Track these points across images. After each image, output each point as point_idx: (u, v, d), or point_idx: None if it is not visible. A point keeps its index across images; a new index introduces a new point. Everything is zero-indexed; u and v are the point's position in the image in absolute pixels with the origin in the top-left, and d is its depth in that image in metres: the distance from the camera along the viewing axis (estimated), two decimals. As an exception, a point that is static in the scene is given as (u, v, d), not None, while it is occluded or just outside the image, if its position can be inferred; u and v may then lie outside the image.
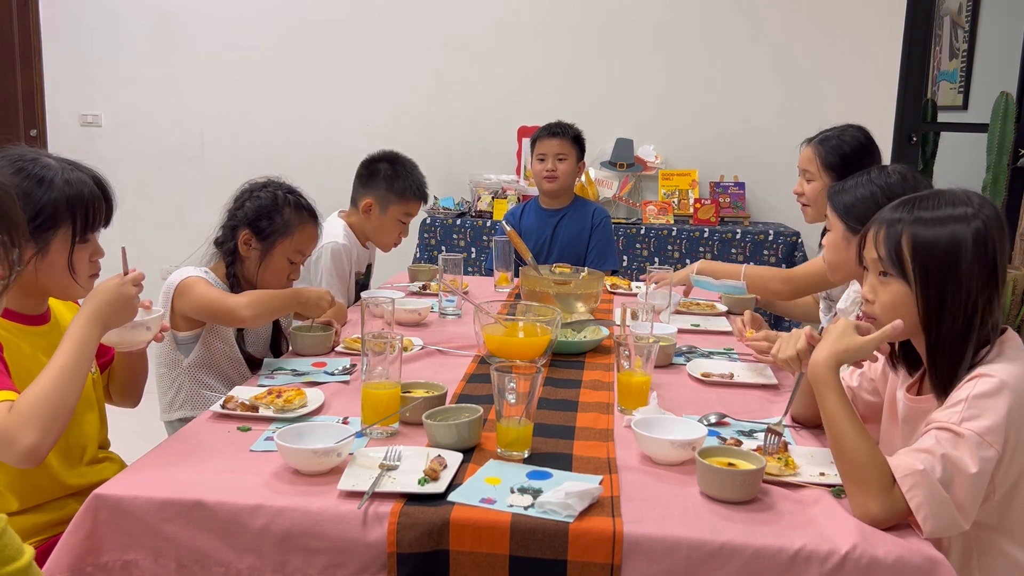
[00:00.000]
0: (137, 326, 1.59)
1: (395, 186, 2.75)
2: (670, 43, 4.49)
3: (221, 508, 1.26)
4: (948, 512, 1.23)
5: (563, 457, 1.44)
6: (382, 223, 2.78)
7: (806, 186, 2.53)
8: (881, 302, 1.42)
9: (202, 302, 1.98)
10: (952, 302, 1.34)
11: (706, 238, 4.14)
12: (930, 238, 1.36)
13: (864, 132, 2.51)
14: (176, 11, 4.76)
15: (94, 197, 1.55)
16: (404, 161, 2.81)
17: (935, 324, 1.36)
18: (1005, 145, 4.12)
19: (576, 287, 2.37)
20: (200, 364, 2.07)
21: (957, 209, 1.37)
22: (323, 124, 4.73)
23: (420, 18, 4.60)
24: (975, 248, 1.34)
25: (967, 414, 1.27)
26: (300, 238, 2.14)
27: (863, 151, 2.48)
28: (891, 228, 1.40)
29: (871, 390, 1.65)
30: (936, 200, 1.40)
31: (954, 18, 5.39)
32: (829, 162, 2.47)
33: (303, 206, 2.16)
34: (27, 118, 5.00)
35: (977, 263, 1.34)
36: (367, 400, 1.53)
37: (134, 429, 2.10)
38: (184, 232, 2.15)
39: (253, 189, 2.14)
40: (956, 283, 1.34)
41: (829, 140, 2.49)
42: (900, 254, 1.38)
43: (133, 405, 1.87)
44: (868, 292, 1.45)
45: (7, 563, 0.83)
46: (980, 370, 1.32)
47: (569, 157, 3.25)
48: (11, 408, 1.30)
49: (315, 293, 2.11)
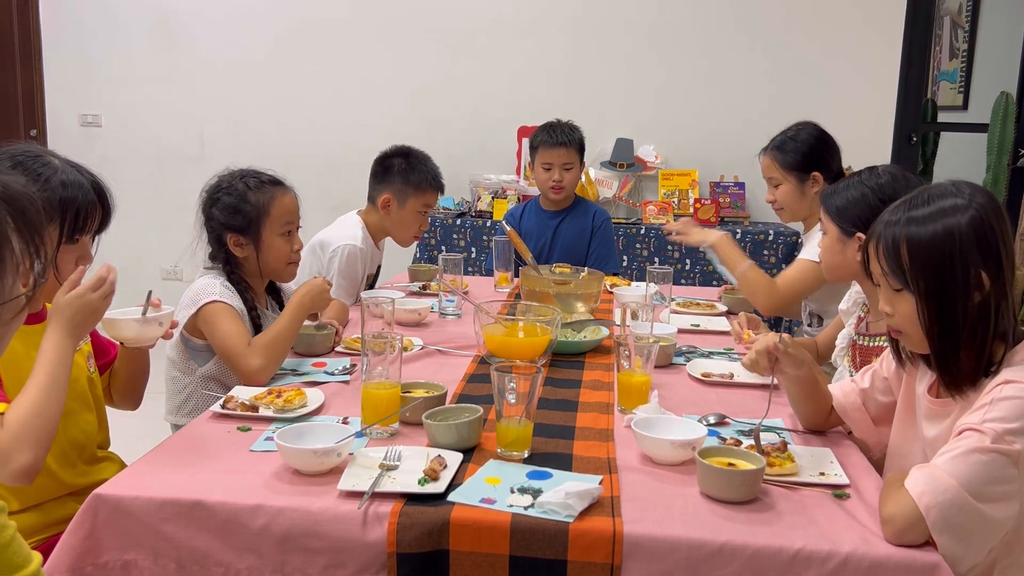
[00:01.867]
0: (150, 322, 1.60)
1: (411, 179, 2.76)
2: (670, 43, 4.48)
3: (221, 508, 1.26)
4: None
5: (563, 457, 1.44)
6: (401, 217, 2.80)
7: (775, 192, 2.62)
8: (900, 313, 1.40)
9: (220, 347, 1.93)
10: (956, 303, 1.32)
11: (706, 238, 4.13)
12: (925, 238, 1.34)
13: (815, 126, 2.59)
14: (176, 11, 4.76)
15: (88, 201, 1.55)
16: (417, 154, 2.83)
17: (937, 333, 1.35)
18: (1005, 145, 4.12)
19: (576, 287, 2.37)
20: (213, 376, 2.06)
21: (947, 201, 1.35)
22: (323, 124, 4.73)
23: (420, 18, 4.60)
24: (975, 238, 1.32)
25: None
26: (279, 211, 2.09)
27: (820, 144, 2.56)
28: (888, 234, 1.39)
29: (884, 389, 1.63)
30: (927, 195, 1.38)
31: (954, 18, 5.39)
32: (789, 163, 2.56)
33: (264, 181, 2.10)
34: (27, 118, 5.00)
35: (979, 252, 1.31)
36: (367, 400, 1.53)
37: (135, 429, 2.10)
38: (184, 232, 2.14)
39: (212, 194, 2.09)
40: (956, 281, 1.32)
41: (785, 144, 2.58)
42: (901, 264, 1.36)
43: (134, 407, 1.87)
44: (885, 306, 1.43)
45: (16, 570, 0.83)
46: (1006, 375, 1.30)
47: (575, 166, 3.24)
48: (2, 424, 1.31)
49: (312, 289, 2.04)
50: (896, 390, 1.60)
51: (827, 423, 1.66)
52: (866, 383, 1.65)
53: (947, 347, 1.35)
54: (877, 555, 1.17)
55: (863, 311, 2.00)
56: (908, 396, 1.55)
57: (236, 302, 2.00)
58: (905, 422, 1.55)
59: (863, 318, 1.98)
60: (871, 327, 1.93)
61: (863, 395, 1.64)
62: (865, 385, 1.64)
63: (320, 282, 2.06)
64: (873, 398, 1.64)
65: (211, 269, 2.09)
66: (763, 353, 1.54)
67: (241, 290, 2.06)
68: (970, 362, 1.35)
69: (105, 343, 1.81)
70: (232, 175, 2.12)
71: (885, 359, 1.63)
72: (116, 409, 1.84)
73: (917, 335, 1.39)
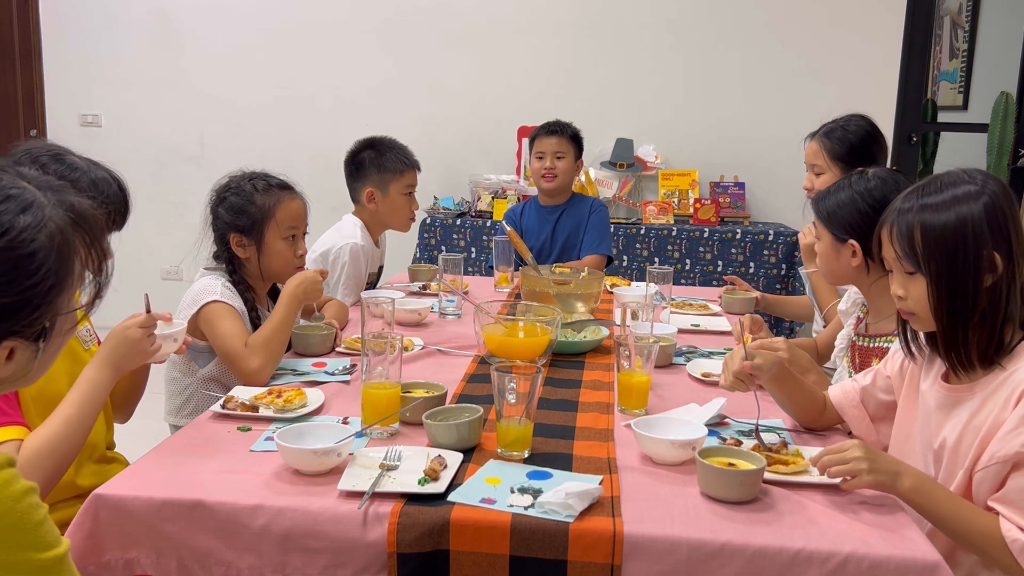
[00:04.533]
0: (166, 339, 1.60)
1: (385, 165, 2.81)
2: (671, 44, 4.49)
3: (221, 508, 1.26)
4: None
5: (563, 457, 1.44)
6: (390, 204, 2.83)
7: (815, 180, 2.50)
8: (913, 297, 1.42)
9: (220, 347, 1.93)
10: (968, 285, 1.34)
11: (706, 238, 4.14)
12: (939, 224, 1.36)
13: (868, 120, 2.50)
14: (176, 11, 4.76)
15: (116, 200, 1.60)
16: (381, 140, 2.87)
17: (946, 313, 1.36)
18: (1005, 145, 4.12)
19: (576, 287, 2.36)
20: (213, 378, 2.06)
21: (960, 188, 1.37)
22: (323, 124, 4.73)
23: (420, 18, 4.60)
24: (989, 223, 1.33)
25: None
26: (284, 214, 2.10)
27: (870, 139, 2.47)
28: (901, 221, 1.41)
29: (885, 388, 1.63)
30: (940, 183, 1.40)
31: (954, 18, 5.39)
32: (837, 153, 2.46)
33: (273, 185, 2.12)
34: (27, 118, 5.00)
35: (992, 236, 1.33)
36: (367, 400, 1.53)
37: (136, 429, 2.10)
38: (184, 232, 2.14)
39: (220, 193, 2.11)
40: (968, 264, 1.34)
41: (835, 131, 2.47)
42: (914, 247, 1.38)
43: (124, 420, 1.86)
44: (898, 289, 1.44)
45: (48, 548, 0.87)
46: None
47: (567, 155, 3.27)
48: (19, 449, 1.34)
49: (304, 280, 2.03)
50: (898, 390, 1.60)
51: (822, 419, 1.67)
52: (867, 380, 1.65)
53: (957, 328, 1.37)
54: (877, 555, 1.17)
55: (862, 312, 2.00)
56: (910, 396, 1.55)
57: (237, 303, 2.00)
58: (906, 422, 1.55)
59: (862, 319, 1.98)
60: (870, 328, 1.93)
61: (863, 393, 1.65)
62: (866, 382, 1.65)
63: (312, 273, 2.06)
64: (873, 396, 1.64)
65: (213, 270, 2.09)
66: (738, 377, 1.57)
67: (242, 291, 2.07)
68: (980, 344, 1.37)
69: None
70: (243, 176, 2.13)
71: (889, 359, 1.63)
72: (144, 395, 1.86)
73: (928, 317, 1.40)
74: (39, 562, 0.86)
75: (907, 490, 1.29)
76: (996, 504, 1.30)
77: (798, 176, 2.66)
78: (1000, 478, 1.30)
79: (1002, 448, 1.29)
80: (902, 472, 1.31)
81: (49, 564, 0.87)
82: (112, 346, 1.49)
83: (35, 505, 0.87)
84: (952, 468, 1.40)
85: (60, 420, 1.39)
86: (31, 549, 0.85)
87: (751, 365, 1.54)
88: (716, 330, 2.39)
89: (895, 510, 1.30)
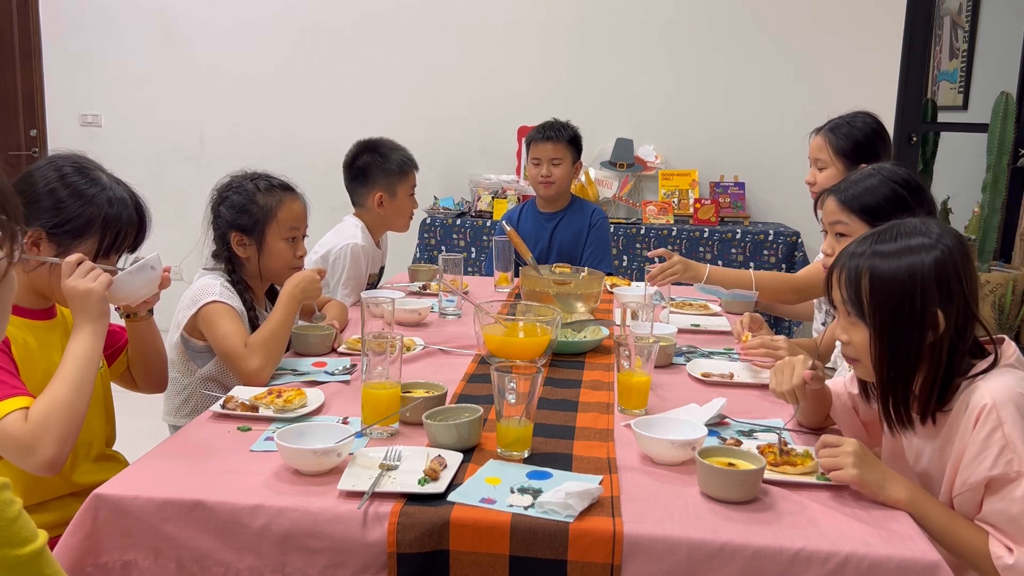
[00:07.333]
0: (143, 268, 1.62)
1: (391, 168, 2.82)
2: (670, 44, 4.49)
3: (221, 508, 1.26)
4: None
5: (563, 457, 1.44)
6: (397, 207, 2.86)
7: (818, 175, 2.50)
8: (855, 343, 1.42)
9: (219, 348, 1.94)
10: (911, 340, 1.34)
11: (706, 238, 4.14)
12: (887, 273, 1.35)
13: (874, 118, 2.51)
14: (176, 11, 4.76)
15: (129, 222, 1.62)
16: (381, 143, 2.88)
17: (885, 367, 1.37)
18: (1005, 145, 4.12)
19: (576, 287, 2.36)
20: (212, 377, 2.06)
21: (915, 240, 1.36)
22: (323, 124, 4.74)
23: (420, 19, 4.61)
24: (938, 278, 1.33)
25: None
26: (285, 215, 2.11)
27: (875, 137, 2.47)
28: (852, 264, 1.40)
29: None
30: (895, 232, 1.39)
31: (954, 18, 5.39)
32: (842, 148, 2.45)
33: (275, 185, 2.13)
34: (27, 118, 5.00)
35: (939, 292, 1.33)
36: (367, 400, 1.53)
37: (136, 429, 2.10)
38: (184, 232, 2.14)
39: (222, 192, 2.11)
40: (912, 319, 1.33)
41: (841, 127, 2.47)
42: (860, 296, 1.38)
43: (160, 389, 1.92)
44: (842, 333, 1.44)
45: (25, 544, 0.85)
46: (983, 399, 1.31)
47: (564, 161, 3.19)
48: (27, 416, 1.36)
49: (302, 280, 2.03)
50: None
51: (827, 421, 1.67)
52: (855, 389, 1.64)
53: (895, 382, 1.37)
54: (877, 555, 1.17)
55: (842, 353, 1.99)
56: None
57: (236, 302, 2.00)
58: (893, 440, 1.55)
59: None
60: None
61: (853, 400, 1.66)
62: (854, 391, 1.65)
63: (310, 272, 2.06)
64: (863, 405, 1.64)
65: (212, 270, 2.09)
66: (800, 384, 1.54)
67: (240, 290, 2.07)
68: (920, 399, 1.37)
69: (114, 330, 1.80)
70: (245, 176, 2.14)
71: None
72: (144, 394, 1.90)
73: (870, 367, 1.40)
74: (16, 558, 0.84)
75: (898, 501, 1.30)
76: (981, 524, 1.31)
77: (798, 176, 2.66)
78: (977, 502, 1.32)
79: (972, 475, 1.30)
80: (891, 481, 1.31)
81: (26, 559, 0.85)
82: (78, 308, 1.48)
83: (8, 501, 0.85)
84: (935, 491, 1.41)
85: (61, 381, 1.41)
86: (7, 546, 0.83)
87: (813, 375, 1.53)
88: (716, 330, 2.39)
89: (895, 510, 1.30)
